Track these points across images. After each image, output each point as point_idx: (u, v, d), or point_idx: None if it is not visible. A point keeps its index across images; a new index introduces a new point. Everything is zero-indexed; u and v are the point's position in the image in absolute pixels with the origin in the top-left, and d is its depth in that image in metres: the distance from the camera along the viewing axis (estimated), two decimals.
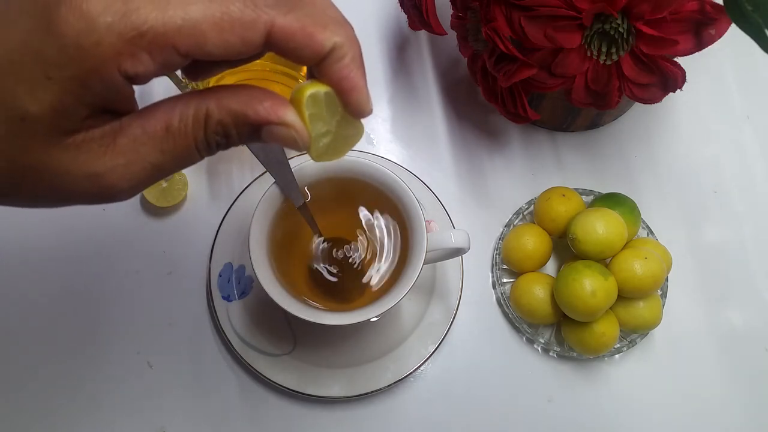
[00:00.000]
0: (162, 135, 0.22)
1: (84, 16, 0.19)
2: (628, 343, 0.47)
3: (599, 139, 0.54)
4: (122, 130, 0.22)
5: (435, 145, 0.53)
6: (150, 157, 0.22)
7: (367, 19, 0.56)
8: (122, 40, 0.19)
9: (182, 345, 0.47)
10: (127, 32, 0.19)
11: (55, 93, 0.20)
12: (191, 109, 0.22)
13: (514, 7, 0.38)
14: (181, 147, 0.23)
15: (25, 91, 0.20)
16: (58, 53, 0.19)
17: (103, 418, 0.46)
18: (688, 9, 0.36)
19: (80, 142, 0.21)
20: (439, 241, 0.40)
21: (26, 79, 0.20)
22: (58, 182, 0.21)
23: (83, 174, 0.21)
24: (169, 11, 0.20)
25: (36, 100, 0.20)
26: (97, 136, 0.21)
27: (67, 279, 0.48)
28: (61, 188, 0.22)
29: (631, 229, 0.46)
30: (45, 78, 0.19)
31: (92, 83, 0.20)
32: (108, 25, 0.19)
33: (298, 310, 0.37)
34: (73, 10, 0.19)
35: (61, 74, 0.19)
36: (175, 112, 0.22)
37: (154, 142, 0.22)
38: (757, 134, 0.54)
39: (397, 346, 0.46)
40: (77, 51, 0.19)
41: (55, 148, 0.21)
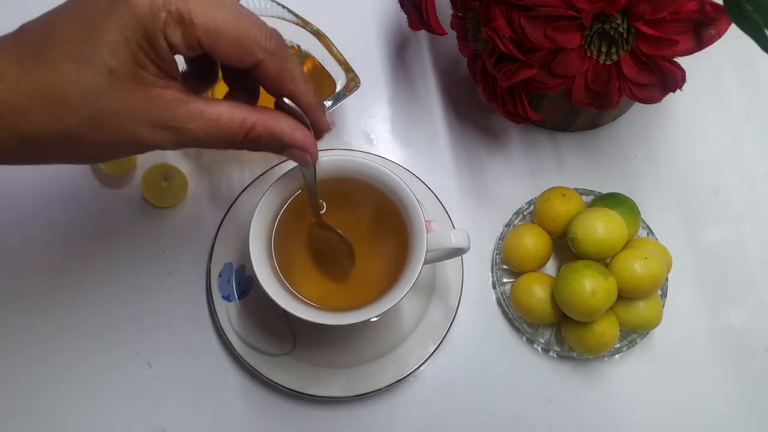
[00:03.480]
0: (212, 122, 0.29)
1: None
2: (628, 343, 0.47)
3: (599, 139, 0.54)
4: (187, 103, 0.29)
5: (435, 145, 0.53)
6: (197, 132, 0.29)
7: (367, 19, 0.56)
8: (170, 16, 0.26)
9: (182, 345, 0.47)
10: (174, 12, 0.26)
11: (132, 49, 0.26)
12: (240, 115, 0.30)
13: (514, 7, 0.38)
14: (221, 136, 0.30)
15: (109, 50, 0.26)
16: (132, 19, 0.26)
17: (103, 418, 0.46)
18: (688, 9, 0.36)
19: (153, 96, 0.28)
20: (439, 241, 0.40)
21: (109, 40, 0.26)
22: (127, 126, 0.28)
23: (148, 123, 0.28)
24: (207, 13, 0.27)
25: (118, 56, 0.26)
26: (166, 98, 0.28)
27: (67, 279, 0.48)
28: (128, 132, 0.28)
29: (631, 229, 0.46)
30: (123, 39, 0.26)
31: (154, 43, 0.27)
32: (163, 5, 0.26)
33: (298, 310, 0.37)
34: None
35: (134, 35, 0.26)
36: (229, 111, 0.30)
37: (205, 123, 0.29)
38: (757, 134, 0.54)
39: (397, 346, 0.46)
40: (144, 18, 0.26)
41: (134, 97, 0.27)
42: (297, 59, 0.31)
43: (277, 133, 0.31)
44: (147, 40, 0.26)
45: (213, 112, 0.29)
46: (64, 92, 0.27)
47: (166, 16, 0.26)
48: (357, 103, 0.53)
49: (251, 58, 0.28)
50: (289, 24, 0.49)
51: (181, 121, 0.28)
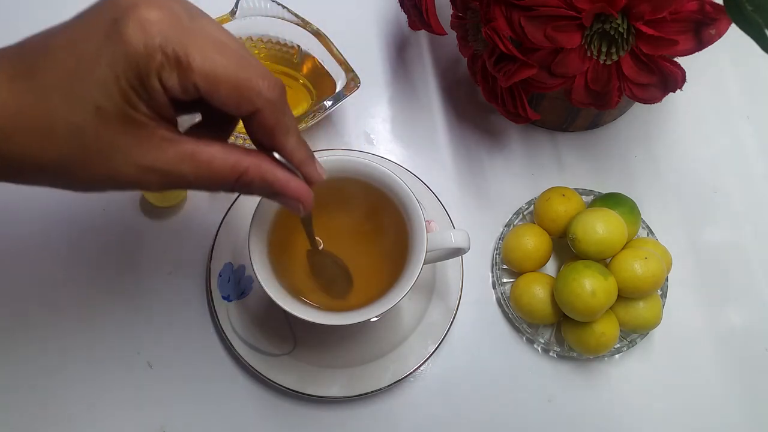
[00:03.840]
0: (204, 165, 0.28)
1: (145, 34, 0.25)
2: (628, 343, 0.47)
3: (599, 139, 0.54)
4: (178, 144, 0.28)
5: (435, 145, 0.53)
6: (187, 174, 0.28)
7: (367, 19, 0.56)
8: (166, 58, 0.25)
9: (182, 345, 0.47)
10: (170, 54, 0.25)
11: (122, 89, 0.25)
12: (233, 158, 0.29)
13: (514, 7, 0.38)
14: (211, 180, 0.29)
15: (99, 87, 0.25)
16: (125, 60, 0.25)
17: (104, 418, 0.46)
18: (688, 9, 0.36)
19: (143, 136, 0.27)
20: (439, 241, 0.40)
21: (101, 78, 0.25)
22: (113, 165, 0.27)
23: (134, 163, 0.27)
24: (206, 57, 0.26)
25: (108, 94, 0.25)
26: (156, 138, 0.27)
27: (67, 279, 0.48)
28: (113, 171, 0.27)
29: (631, 229, 0.46)
30: (114, 77, 0.25)
31: (147, 84, 0.25)
32: (160, 46, 0.25)
33: (298, 310, 0.37)
34: (138, 29, 0.25)
35: (126, 75, 0.25)
36: (222, 153, 0.28)
37: (196, 166, 0.28)
38: (757, 134, 0.54)
39: (397, 346, 0.46)
40: (138, 59, 0.25)
41: (121, 136, 0.26)
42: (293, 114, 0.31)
43: (270, 180, 0.30)
44: (139, 81, 0.25)
45: (205, 154, 0.28)
46: (49, 124, 0.26)
47: (161, 58, 0.25)
48: (357, 103, 0.53)
49: (249, 107, 0.28)
50: (289, 24, 0.49)
51: (171, 163, 0.27)
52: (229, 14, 0.48)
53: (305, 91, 0.51)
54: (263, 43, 0.50)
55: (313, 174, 0.32)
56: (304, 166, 0.31)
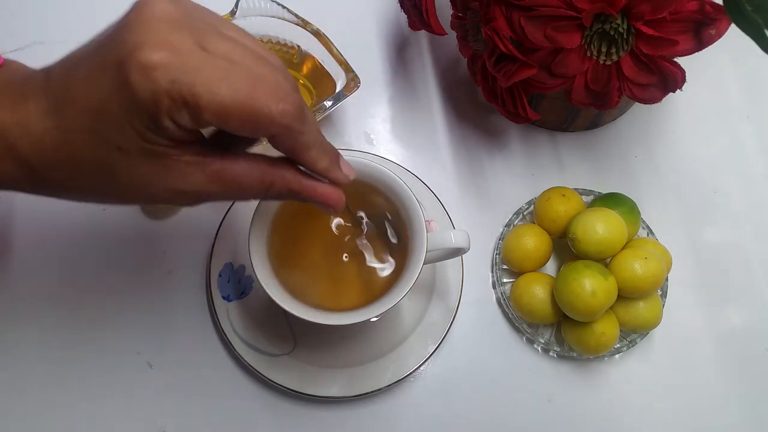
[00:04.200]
0: (231, 183, 0.29)
1: (150, 81, 0.25)
2: (628, 343, 0.47)
3: (599, 139, 0.54)
4: (204, 166, 0.28)
5: (435, 145, 0.53)
6: (215, 193, 0.29)
7: (367, 19, 0.56)
8: (173, 102, 0.25)
9: (182, 345, 0.47)
10: (177, 97, 0.25)
11: (137, 131, 0.26)
12: (258, 173, 0.30)
13: (514, 7, 0.38)
14: (240, 195, 0.30)
15: (116, 131, 0.26)
16: (133, 105, 0.25)
17: (103, 418, 0.46)
18: (688, 9, 0.36)
19: (168, 165, 0.28)
20: (439, 241, 0.40)
21: (115, 122, 0.26)
22: (143, 191, 0.28)
23: (165, 188, 0.28)
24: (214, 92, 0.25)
25: (125, 136, 0.26)
26: (181, 165, 0.28)
27: (67, 279, 0.48)
28: (145, 196, 0.29)
29: (631, 229, 0.46)
30: (128, 122, 0.26)
31: (160, 125, 0.26)
32: (166, 90, 0.25)
33: (298, 310, 0.37)
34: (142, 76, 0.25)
35: (138, 119, 0.26)
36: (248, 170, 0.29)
37: (223, 185, 0.29)
38: (757, 134, 0.54)
39: (397, 346, 0.46)
40: (145, 104, 0.25)
41: (147, 169, 0.27)
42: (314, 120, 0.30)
43: (297, 189, 0.31)
44: (153, 123, 0.26)
45: (230, 173, 0.29)
46: (80, 161, 0.27)
47: (168, 102, 0.25)
48: (357, 103, 0.53)
49: (264, 133, 0.28)
50: (289, 24, 0.49)
51: (200, 184, 0.28)
52: (229, 14, 0.48)
53: (305, 91, 0.51)
54: (263, 43, 0.50)
55: (339, 178, 0.32)
56: (329, 173, 0.31)
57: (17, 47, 0.54)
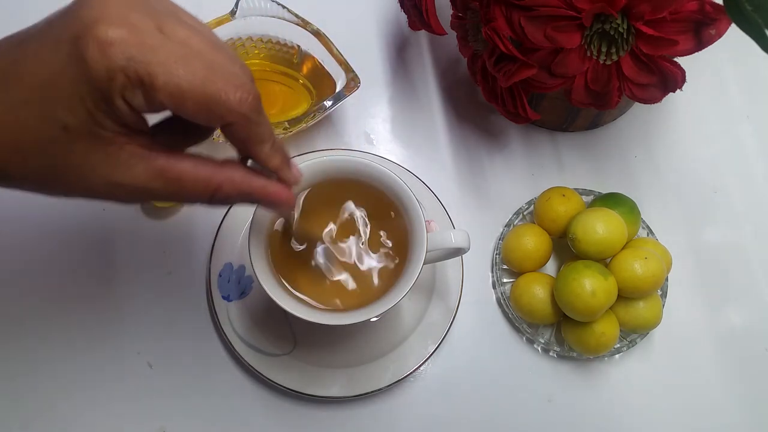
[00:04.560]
0: (174, 182, 0.28)
1: (106, 57, 0.24)
2: (628, 343, 0.47)
3: (599, 139, 0.54)
4: (147, 160, 0.27)
5: (435, 145, 0.53)
6: (157, 190, 0.28)
7: (367, 19, 0.56)
8: (128, 79, 0.24)
9: (182, 345, 0.47)
10: (132, 76, 0.24)
11: (87, 109, 0.25)
12: (205, 174, 0.28)
13: (514, 7, 0.38)
14: (183, 196, 0.29)
15: (65, 107, 0.25)
16: (87, 81, 0.24)
17: (103, 418, 0.46)
18: (688, 9, 0.36)
19: (110, 152, 0.26)
20: (439, 241, 0.40)
21: (65, 98, 0.25)
22: (82, 181, 0.27)
23: (104, 178, 0.27)
24: (171, 73, 0.25)
25: (74, 114, 0.25)
26: (124, 154, 0.27)
27: (67, 279, 0.48)
28: (83, 186, 0.27)
29: (631, 229, 0.46)
30: (78, 98, 0.25)
31: (112, 104, 0.25)
32: (122, 67, 0.24)
33: (298, 310, 0.37)
34: (98, 51, 0.24)
35: (90, 96, 0.25)
36: (193, 170, 0.28)
37: (165, 182, 0.28)
38: (757, 134, 0.54)
39: (397, 346, 0.46)
40: (99, 81, 0.24)
41: (89, 153, 0.26)
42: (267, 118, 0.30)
43: (246, 191, 0.30)
44: (104, 101, 0.25)
45: (175, 171, 0.28)
46: (19, 140, 0.26)
47: (123, 79, 0.24)
48: (357, 103, 0.53)
49: (219, 121, 0.27)
50: (289, 24, 0.49)
51: (139, 179, 0.27)
52: (229, 14, 0.48)
53: (305, 91, 0.51)
54: (263, 43, 0.50)
55: (288, 178, 0.32)
56: (280, 171, 0.31)
57: None
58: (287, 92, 0.51)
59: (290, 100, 0.50)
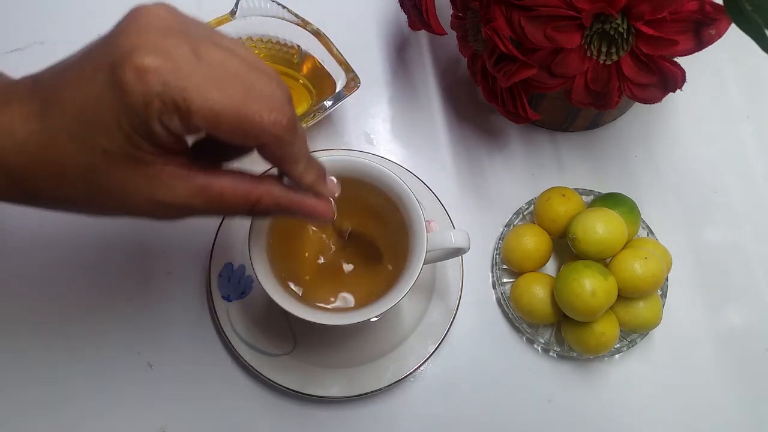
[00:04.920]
0: (216, 198, 0.29)
1: (143, 84, 0.25)
2: (628, 343, 0.47)
3: (599, 139, 0.54)
4: (188, 179, 0.28)
5: (435, 145, 0.53)
6: (199, 207, 0.29)
7: (367, 19, 0.56)
8: (164, 105, 0.25)
9: (182, 345, 0.47)
10: (168, 101, 0.25)
11: (125, 133, 0.26)
12: (244, 189, 0.29)
13: (514, 7, 0.38)
14: (225, 211, 0.30)
15: (104, 133, 0.26)
16: (124, 107, 0.25)
17: (103, 418, 0.46)
18: (688, 9, 0.36)
19: (151, 174, 0.27)
20: (439, 241, 0.40)
21: (104, 123, 0.25)
22: (125, 202, 0.28)
23: (146, 198, 0.28)
24: (206, 98, 0.25)
25: (113, 139, 0.26)
26: (165, 175, 0.27)
27: (67, 279, 0.48)
28: (126, 207, 0.28)
29: (631, 229, 0.46)
30: (117, 123, 0.25)
31: (149, 129, 0.25)
32: (158, 93, 0.25)
33: (298, 310, 0.37)
34: (135, 78, 0.25)
35: (128, 121, 0.25)
36: (233, 185, 0.29)
37: (207, 199, 0.28)
38: (757, 134, 0.54)
39: (397, 346, 0.46)
40: (136, 107, 0.25)
41: (130, 176, 0.27)
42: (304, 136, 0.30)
43: (284, 204, 0.31)
44: (142, 126, 0.25)
45: (215, 188, 0.28)
46: (62, 166, 0.27)
47: (160, 105, 0.25)
48: (357, 103, 0.53)
49: (255, 142, 0.27)
50: (289, 24, 0.49)
51: (182, 198, 0.28)
52: (229, 14, 0.48)
53: (305, 91, 0.51)
54: (263, 43, 0.50)
55: (324, 193, 0.32)
56: (315, 188, 0.32)
57: (17, 47, 0.54)
58: None
59: None
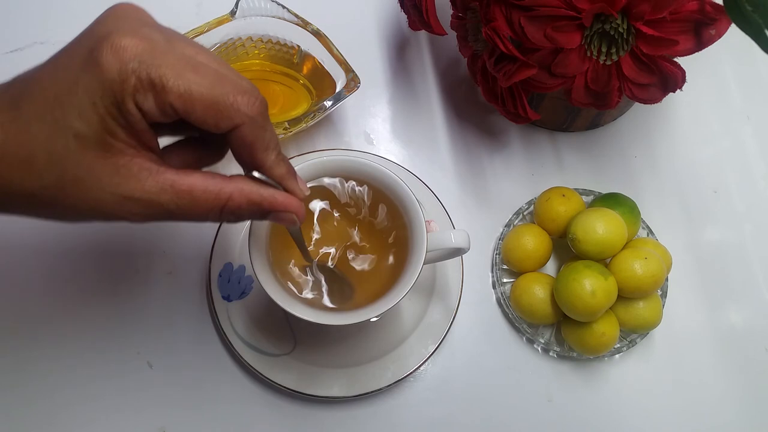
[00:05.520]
0: (185, 194, 0.28)
1: (119, 60, 0.25)
2: (628, 343, 0.47)
3: (599, 139, 0.54)
4: (157, 174, 0.27)
5: (435, 145, 0.53)
6: (167, 204, 0.28)
7: (367, 19, 0.56)
8: (139, 81, 0.25)
9: (182, 345, 0.47)
10: (144, 78, 0.25)
11: (100, 115, 0.26)
12: (215, 186, 0.28)
13: (514, 7, 0.38)
14: (195, 210, 0.28)
15: (77, 114, 0.25)
16: (100, 86, 0.25)
17: (104, 418, 0.46)
18: (688, 9, 0.36)
19: (121, 165, 0.27)
20: (439, 241, 0.40)
21: (77, 104, 0.25)
22: (92, 195, 0.27)
23: (113, 193, 0.27)
24: (181, 77, 0.26)
25: (86, 121, 0.26)
26: (134, 167, 0.27)
27: (67, 278, 0.48)
28: (93, 201, 0.27)
29: (631, 229, 0.46)
30: (91, 104, 0.25)
31: (123, 109, 0.26)
32: (134, 70, 0.25)
33: (298, 310, 0.37)
34: (112, 55, 0.25)
35: (103, 101, 0.25)
36: (203, 182, 0.28)
37: (176, 196, 0.28)
38: (757, 134, 0.54)
39: (397, 346, 0.46)
40: (112, 84, 0.25)
41: (100, 164, 0.26)
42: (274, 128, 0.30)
43: (257, 201, 0.30)
44: (116, 106, 0.25)
45: (185, 184, 0.28)
46: (30, 153, 0.26)
47: (135, 81, 0.25)
48: (357, 103, 0.53)
49: (228, 123, 0.27)
50: (289, 24, 0.49)
51: (150, 192, 0.27)
52: (229, 14, 0.48)
53: (305, 91, 0.51)
54: (263, 43, 0.50)
55: (295, 190, 0.31)
56: (285, 181, 0.31)
57: (17, 47, 0.54)
58: (287, 92, 0.51)
59: (290, 100, 0.50)
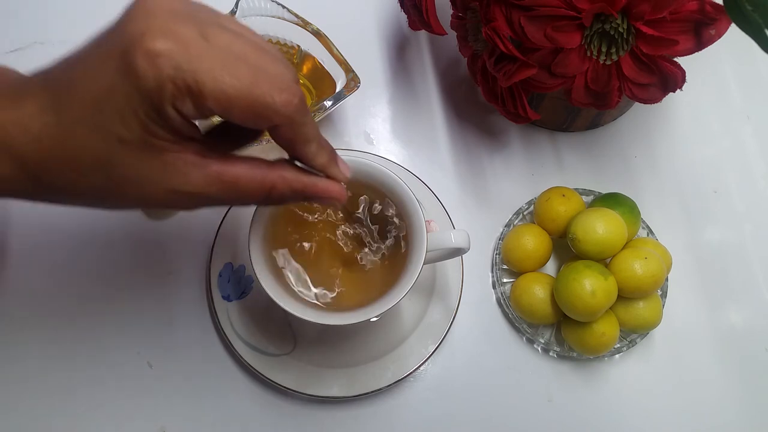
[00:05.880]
0: (231, 185, 0.29)
1: (154, 68, 0.25)
2: (628, 343, 0.47)
3: (599, 139, 0.54)
4: (203, 167, 0.28)
5: (435, 145, 0.53)
6: (215, 195, 0.29)
7: (367, 19, 0.56)
8: (177, 88, 0.25)
9: (182, 345, 0.47)
10: (181, 84, 0.25)
11: (140, 119, 0.26)
12: (259, 175, 0.29)
13: (514, 7, 0.38)
14: (241, 198, 0.30)
15: (118, 121, 0.26)
16: (138, 93, 0.25)
17: (103, 418, 0.46)
18: (688, 9, 0.36)
19: (167, 162, 0.27)
20: (439, 241, 0.40)
21: (118, 111, 0.26)
22: (140, 191, 0.28)
23: (163, 187, 0.28)
24: (217, 80, 0.26)
25: (128, 127, 0.26)
26: (180, 162, 0.28)
27: (68, 279, 0.48)
28: (141, 196, 0.28)
29: (631, 229, 0.46)
30: (131, 110, 0.26)
31: (163, 113, 0.26)
32: (170, 77, 0.25)
33: (298, 310, 0.37)
34: (147, 63, 0.25)
35: (142, 107, 0.25)
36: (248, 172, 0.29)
37: (223, 186, 0.29)
38: (757, 134, 0.54)
39: (397, 346, 0.46)
40: (149, 92, 0.25)
41: (147, 164, 0.27)
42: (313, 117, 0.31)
43: (298, 188, 0.31)
44: (156, 111, 0.26)
45: (230, 175, 0.29)
46: (78, 157, 0.27)
47: (173, 89, 0.25)
48: (357, 103, 0.53)
49: (266, 123, 0.28)
50: (289, 24, 0.49)
51: (197, 186, 0.28)
52: (229, 14, 0.48)
53: (305, 91, 0.51)
54: None
55: (336, 175, 0.32)
56: (327, 169, 0.32)
57: (17, 47, 0.54)
58: None
59: None
